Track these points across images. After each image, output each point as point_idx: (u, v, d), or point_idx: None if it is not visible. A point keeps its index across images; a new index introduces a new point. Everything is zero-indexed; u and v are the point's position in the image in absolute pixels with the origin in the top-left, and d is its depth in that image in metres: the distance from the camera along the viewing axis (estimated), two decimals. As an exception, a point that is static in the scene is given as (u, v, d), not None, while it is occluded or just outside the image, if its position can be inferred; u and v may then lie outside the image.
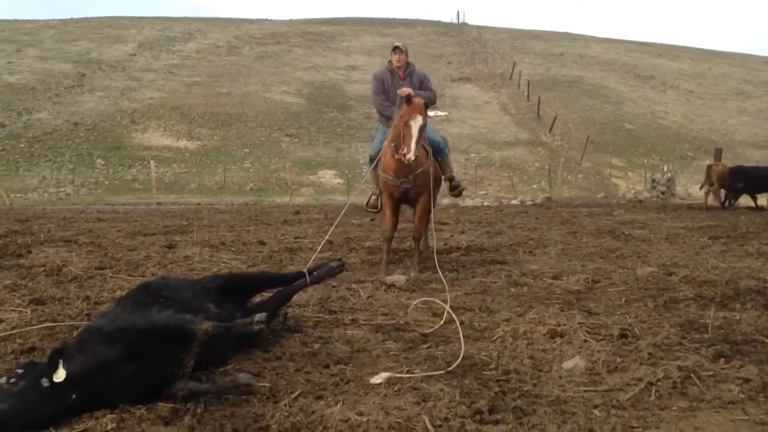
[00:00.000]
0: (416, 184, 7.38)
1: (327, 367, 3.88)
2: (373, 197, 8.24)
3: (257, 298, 4.92)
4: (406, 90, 7.36)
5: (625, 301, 5.64)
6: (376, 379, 3.63)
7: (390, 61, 8.06)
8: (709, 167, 19.69)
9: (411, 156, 6.73)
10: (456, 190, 8.38)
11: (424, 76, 8.10)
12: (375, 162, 7.95)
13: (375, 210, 8.28)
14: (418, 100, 7.11)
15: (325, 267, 5.12)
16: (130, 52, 56.38)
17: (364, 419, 3.00)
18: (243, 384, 3.17)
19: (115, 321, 3.42)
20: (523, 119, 45.08)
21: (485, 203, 24.69)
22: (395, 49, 7.99)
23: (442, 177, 8.11)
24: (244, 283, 4.72)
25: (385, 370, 3.78)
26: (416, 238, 7.80)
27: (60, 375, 3.02)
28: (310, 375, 3.73)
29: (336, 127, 41.99)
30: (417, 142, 6.81)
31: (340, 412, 3.09)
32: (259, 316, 3.54)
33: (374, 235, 11.06)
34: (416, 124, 6.84)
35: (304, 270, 5.03)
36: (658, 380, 3.54)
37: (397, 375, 3.68)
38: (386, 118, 7.99)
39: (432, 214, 8.21)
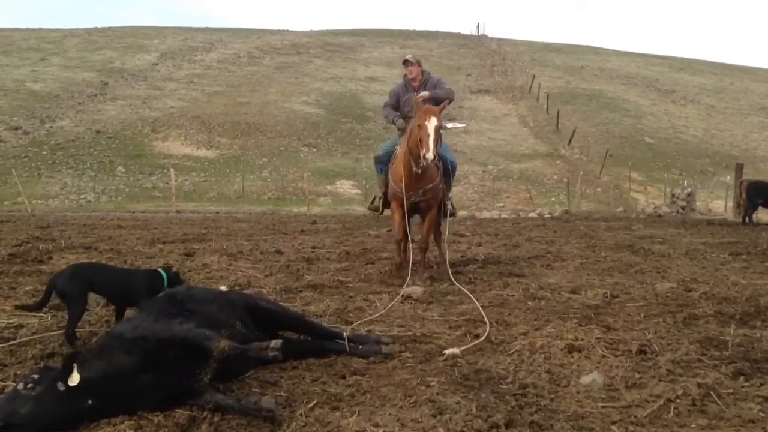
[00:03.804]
0: (425, 198, 7.46)
1: (343, 377, 3.89)
2: (377, 199, 8.39)
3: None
4: (424, 94, 7.55)
5: (644, 316, 5.59)
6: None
7: (405, 75, 8.22)
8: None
9: (430, 155, 6.68)
10: (448, 215, 8.27)
11: (437, 81, 8.21)
12: (384, 165, 8.15)
13: (375, 211, 8.39)
14: (430, 106, 7.20)
15: (370, 347, 4.40)
16: (153, 61, 57.06)
17: (380, 431, 3.00)
18: (265, 408, 3.17)
19: (137, 328, 3.46)
20: (542, 132, 44.95)
21: (503, 215, 24.62)
22: (405, 62, 8.14)
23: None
24: (274, 314, 4.42)
25: (401, 382, 3.79)
26: (423, 249, 7.89)
27: (74, 379, 3.06)
28: (327, 385, 3.74)
29: (354, 137, 42.13)
30: (435, 142, 6.79)
31: (356, 423, 3.10)
32: (275, 343, 3.47)
33: (391, 246, 11.06)
34: (431, 124, 6.83)
35: (345, 334, 4.46)
36: (677, 397, 3.50)
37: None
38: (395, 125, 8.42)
39: (443, 227, 8.32)
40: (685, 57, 78.75)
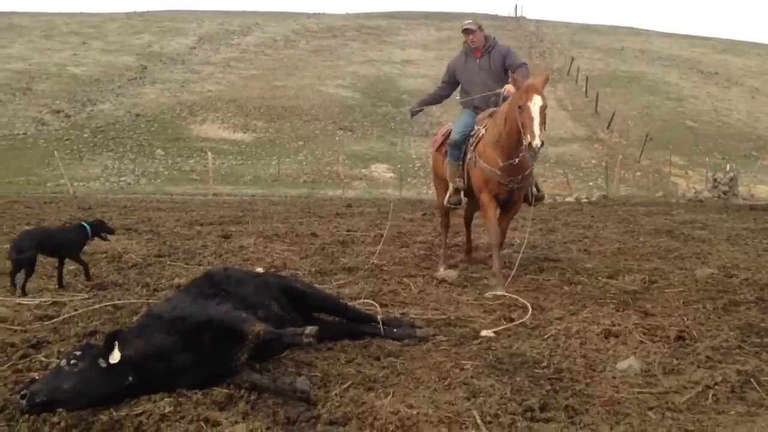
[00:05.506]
0: (522, 185, 6.69)
1: (378, 359, 3.91)
2: (455, 192, 7.11)
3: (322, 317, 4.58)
4: (508, 88, 6.49)
5: (683, 302, 5.49)
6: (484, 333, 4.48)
7: (465, 42, 7.28)
8: None
9: (537, 142, 5.59)
10: (540, 201, 7.61)
11: (507, 51, 7.17)
12: (460, 151, 6.99)
13: (458, 206, 7.30)
14: (531, 81, 5.95)
15: (404, 330, 4.40)
16: (191, 45, 57.59)
17: (414, 412, 3.02)
18: (300, 390, 3.20)
19: (175, 309, 3.53)
20: (581, 115, 44.28)
21: (539, 200, 24.32)
22: (466, 31, 7.12)
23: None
24: (309, 296, 4.41)
25: (435, 365, 3.79)
26: (501, 245, 6.80)
27: (115, 356, 3.13)
28: (361, 367, 3.77)
29: (389, 121, 41.98)
30: (541, 125, 5.68)
31: (390, 405, 3.11)
32: (310, 329, 3.49)
33: (425, 230, 11.06)
34: (535, 105, 5.72)
35: (379, 317, 4.53)
36: (716, 384, 3.45)
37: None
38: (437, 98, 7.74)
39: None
40: (729, 38, 76.75)
